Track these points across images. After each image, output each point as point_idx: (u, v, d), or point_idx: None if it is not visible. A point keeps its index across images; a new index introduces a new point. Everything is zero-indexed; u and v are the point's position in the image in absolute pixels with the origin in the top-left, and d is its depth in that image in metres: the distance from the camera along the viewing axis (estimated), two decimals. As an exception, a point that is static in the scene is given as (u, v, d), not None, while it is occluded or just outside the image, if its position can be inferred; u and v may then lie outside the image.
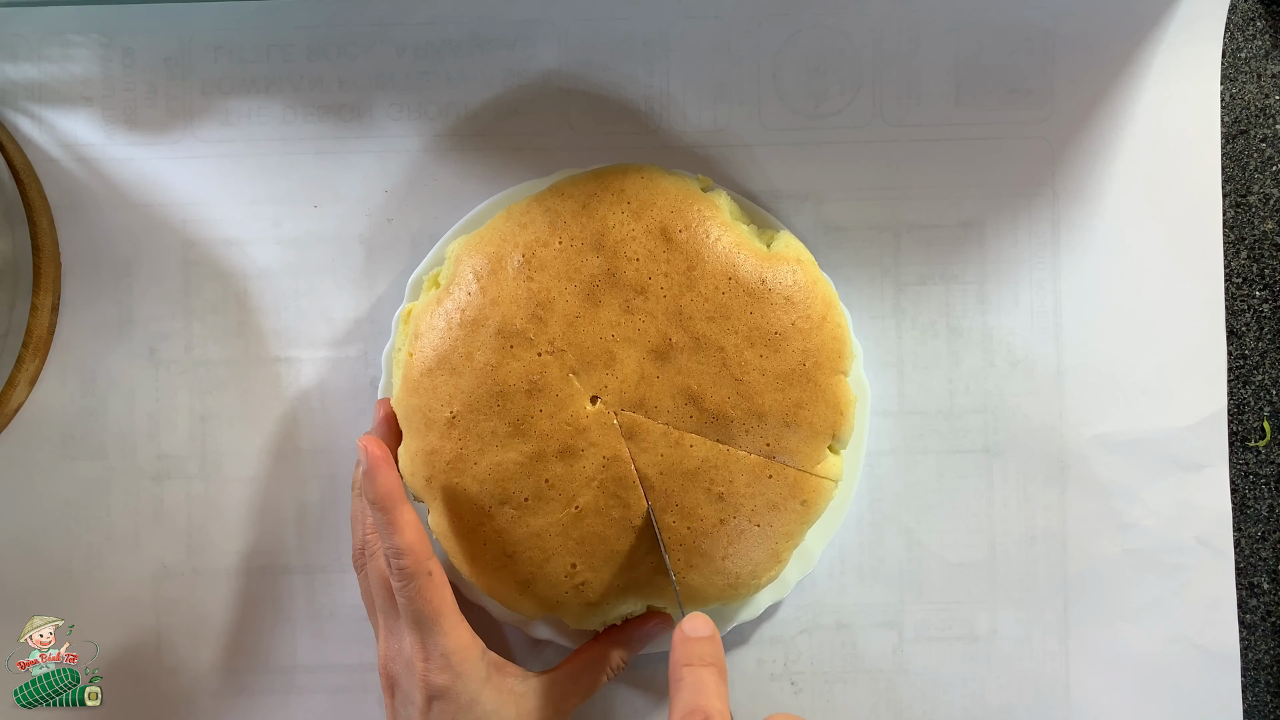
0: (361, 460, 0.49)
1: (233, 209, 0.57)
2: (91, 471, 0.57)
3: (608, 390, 0.50)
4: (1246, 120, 0.57)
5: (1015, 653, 0.57)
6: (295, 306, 0.57)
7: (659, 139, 0.57)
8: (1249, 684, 0.57)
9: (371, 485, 0.48)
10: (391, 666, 0.50)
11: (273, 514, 0.57)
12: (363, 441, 0.49)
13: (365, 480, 0.48)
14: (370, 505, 0.49)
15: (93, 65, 0.57)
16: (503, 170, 0.57)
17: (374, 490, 0.48)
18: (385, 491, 0.48)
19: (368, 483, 0.48)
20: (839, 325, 0.51)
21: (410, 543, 0.48)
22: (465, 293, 0.51)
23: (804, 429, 0.50)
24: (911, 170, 0.57)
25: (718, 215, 0.51)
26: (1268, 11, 0.58)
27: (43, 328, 0.56)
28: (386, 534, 0.48)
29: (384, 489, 0.48)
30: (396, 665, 0.50)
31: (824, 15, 0.57)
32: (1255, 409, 0.58)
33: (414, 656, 0.49)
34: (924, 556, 0.57)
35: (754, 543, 0.50)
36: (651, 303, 0.50)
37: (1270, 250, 0.58)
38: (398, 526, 0.48)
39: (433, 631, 0.48)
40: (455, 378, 0.50)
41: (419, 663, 0.48)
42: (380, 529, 0.48)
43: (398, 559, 0.48)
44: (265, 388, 0.57)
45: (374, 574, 0.51)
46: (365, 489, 0.49)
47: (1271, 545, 0.58)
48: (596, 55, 0.57)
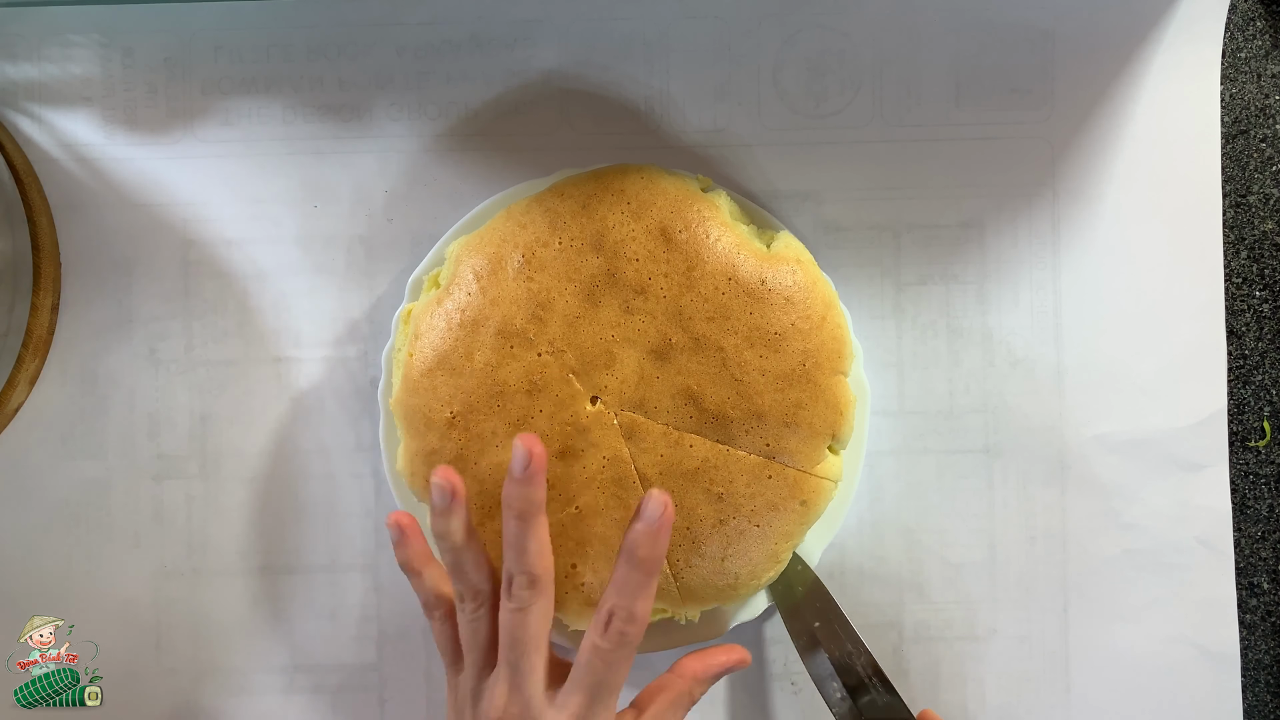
0: (651, 520, 0.44)
1: (233, 209, 0.57)
2: (91, 471, 0.57)
3: (608, 390, 0.50)
4: (1246, 120, 0.57)
5: (1015, 653, 0.57)
6: (295, 306, 0.57)
7: (659, 139, 0.57)
8: (1249, 684, 0.57)
9: (654, 547, 0.44)
10: None
11: (273, 514, 0.57)
12: (653, 503, 0.44)
13: (649, 541, 0.44)
14: (636, 564, 0.44)
15: (93, 65, 0.57)
16: (503, 170, 0.57)
17: (654, 552, 0.44)
18: (660, 556, 0.45)
19: (650, 544, 0.44)
20: (839, 325, 0.51)
21: (648, 612, 0.45)
22: (465, 293, 0.51)
23: (804, 429, 0.50)
24: (911, 170, 0.57)
25: (718, 215, 0.51)
26: (1268, 11, 0.58)
27: (43, 328, 0.56)
28: (633, 596, 0.45)
29: (661, 554, 0.45)
30: None
31: (824, 15, 0.57)
32: (1255, 409, 0.58)
33: None
34: (924, 556, 0.57)
35: (753, 543, 0.50)
36: (651, 303, 0.50)
37: (1270, 250, 0.58)
38: (649, 594, 0.45)
39: (601, 705, 0.45)
40: (455, 378, 0.50)
41: None
42: (630, 588, 0.45)
43: (628, 624, 0.45)
44: (265, 388, 0.57)
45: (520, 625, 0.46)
46: (644, 548, 0.44)
47: (1271, 545, 0.58)
48: (596, 55, 0.57)
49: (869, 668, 0.52)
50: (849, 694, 0.51)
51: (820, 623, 0.53)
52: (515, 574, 0.45)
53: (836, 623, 0.53)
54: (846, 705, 0.51)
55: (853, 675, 0.52)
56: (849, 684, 0.52)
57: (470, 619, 0.47)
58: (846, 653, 0.53)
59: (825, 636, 0.53)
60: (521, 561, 0.45)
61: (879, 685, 0.52)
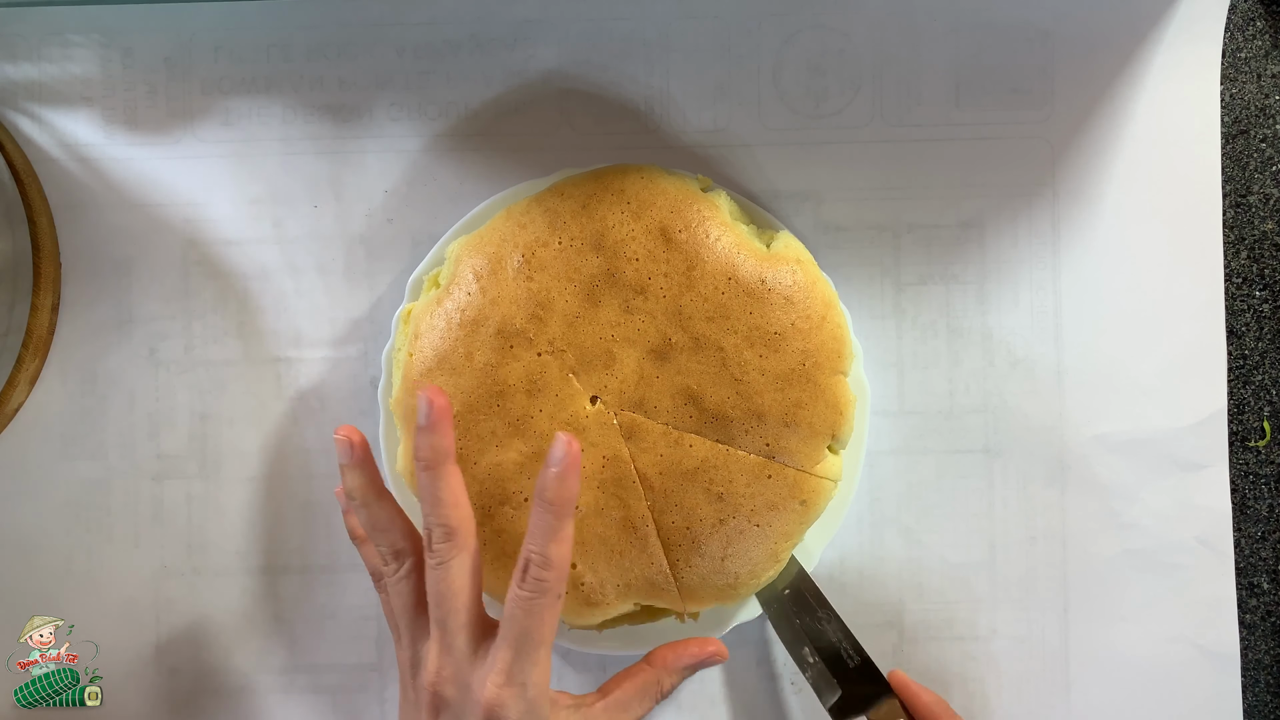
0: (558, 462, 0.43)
1: (233, 209, 0.57)
2: (91, 471, 0.57)
3: (607, 390, 0.50)
4: (1246, 120, 0.57)
5: (1015, 653, 0.57)
6: (295, 306, 0.57)
7: (659, 139, 0.57)
8: (1249, 684, 0.57)
9: (562, 487, 0.43)
10: (444, 686, 0.44)
11: (273, 514, 0.57)
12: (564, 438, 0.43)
13: (556, 482, 0.43)
14: (545, 506, 0.43)
15: (93, 65, 0.57)
16: (503, 170, 0.57)
17: (563, 492, 0.43)
18: (570, 497, 0.43)
19: (558, 484, 0.43)
20: (839, 325, 0.51)
21: (565, 557, 0.43)
22: (465, 293, 0.51)
23: (803, 429, 0.50)
24: (911, 170, 0.57)
25: (717, 215, 0.51)
26: (1268, 11, 0.58)
27: (43, 328, 0.56)
28: (544, 539, 0.43)
29: (571, 494, 0.43)
30: (452, 685, 0.44)
31: (824, 15, 0.57)
32: (1255, 409, 0.58)
33: (490, 677, 0.43)
34: (924, 556, 0.57)
35: (753, 542, 0.50)
36: (651, 303, 0.50)
37: (1270, 250, 0.58)
38: (563, 537, 0.43)
39: (528, 658, 0.43)
40: (455, 377, 0.50)
41: (493, 687, 0.43)
42: (541, 531, 0.43)
43: (544, 569, 0.43)
44: (265, 388, 0.57)
45: (441, 580, 0.44)
46: (552, 489, 0.43)
47: (1271, 545, 0.58)
48: (596, 55, 0.57)
49: (838, 631, 0.53)
50: (819, 656, 0.52)
51: (790, 591, 0.54)
52: (432, 527, 0.44)
53: (805, 588, 0.54)
54: (819, 668, 0.52)
55: (823, 639, 0.53)
56: (820, 647, 0.52)
57: (395, 581, 0.46)
58: (817, 618, 0.53)
59: (793, 602, 0.53)
60: (437, 512, 0.44)
61: (849, 648, 0.53)
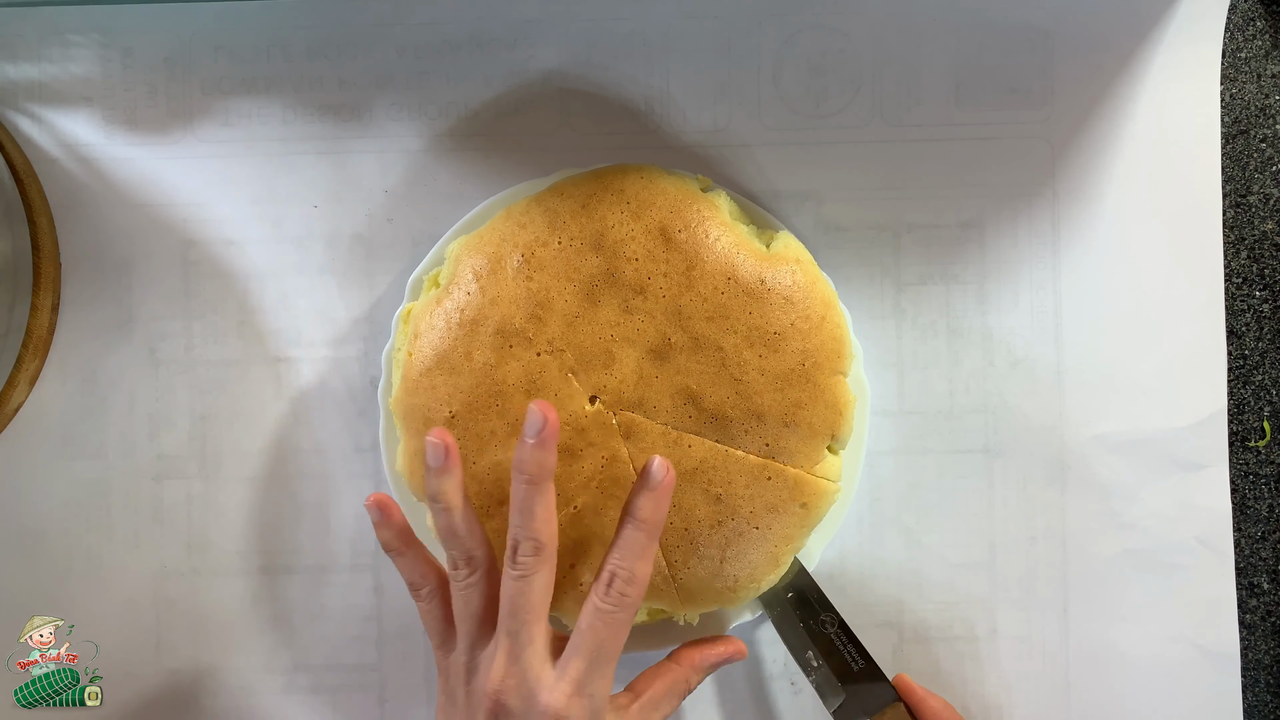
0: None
1: (233, 209, 0.57)
2: (91, 471, 0.57)
3: (606, 390, 0.50)
4: (1246, 120, 0.57)
5: (1015, 653, 0.57)
6: (295, 306, 0.57)
7: (659, 139, 0.57)
8: (1249, 684, 0.57)
9: (657, 509, 0.44)
10: (508, 696, 0.44)
11: (273, 514, 0.57)
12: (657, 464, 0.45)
13: (651, 503, 0.44)
14: (636, 524, 0.44)
15: (93, 65, 0.57)
16: (503, 170, 0.57)
17: (656, 513, 0.44)
18: (661, 519, 0.45)
19: (653, 506, 0.44)
20: (838, 325, 0.51)
21: (649, 575, 0.45)
22: (465, 292, 0.51)
23: (803, 429, 0.50)
24: (911, 170, 0.57)
25: (717, 215, 0.51)
26: (1268, 11, 0.58)
27: (43, 328, 0.56)
28: (634, 556, 0.44)
29: (662, 516, 0.45)
30: (516, 695, 0.44)
31: (824, 15, 0.57)
32: (1255, 409, 0.58)
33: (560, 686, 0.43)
34: (924, 556, 0.57)
35: (752, 545, 0.50)
36: (651, 303, 0.50)
37: (1270, 250, 0.58)
38: (650, 555, 0.44)
39: (598, 671, 0.44)
40: (454, 377, 0.50)
41: (563, 696, 0.43)
42: (630, 548, 0.44)
43: (629, 584, 0.44)
44: (265, 388, 0.57)
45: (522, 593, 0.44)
46: (648, 509, 0.44)
47: (1271, 545, 0.58)
48: (596, 55, 0.57)
49: (842, 635, 0.53)
50: (824, 660, 0.52)
51: (793, 593, 0.54)
52: (521, 539, 0.44)
53: (808, 590, 0.54)
54: (824, 672, 0.52)
55: (827, 643, 0.53)
56: (824, 651, 0.52)
57: (463, 587, 0.46)
58: (820, 620, 0.53)
59: (796, 604, 0.53)
60: (529, 526, 0.44)
61: (853, 651, 0.53)
